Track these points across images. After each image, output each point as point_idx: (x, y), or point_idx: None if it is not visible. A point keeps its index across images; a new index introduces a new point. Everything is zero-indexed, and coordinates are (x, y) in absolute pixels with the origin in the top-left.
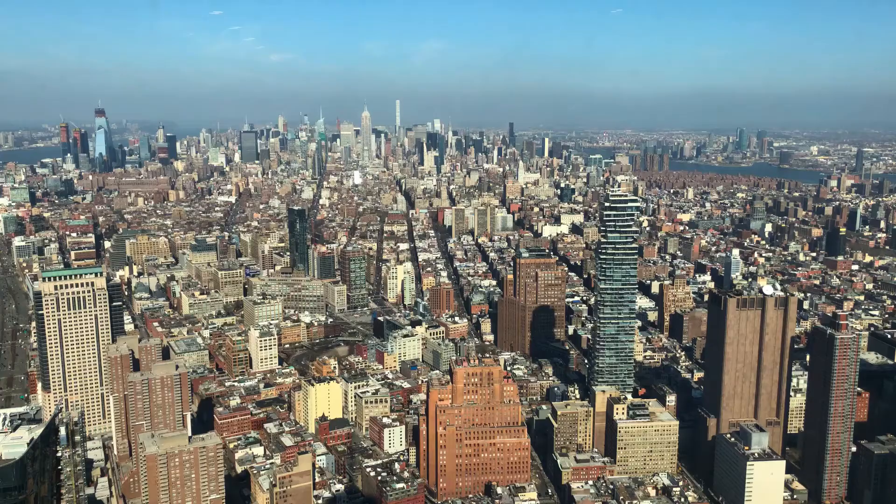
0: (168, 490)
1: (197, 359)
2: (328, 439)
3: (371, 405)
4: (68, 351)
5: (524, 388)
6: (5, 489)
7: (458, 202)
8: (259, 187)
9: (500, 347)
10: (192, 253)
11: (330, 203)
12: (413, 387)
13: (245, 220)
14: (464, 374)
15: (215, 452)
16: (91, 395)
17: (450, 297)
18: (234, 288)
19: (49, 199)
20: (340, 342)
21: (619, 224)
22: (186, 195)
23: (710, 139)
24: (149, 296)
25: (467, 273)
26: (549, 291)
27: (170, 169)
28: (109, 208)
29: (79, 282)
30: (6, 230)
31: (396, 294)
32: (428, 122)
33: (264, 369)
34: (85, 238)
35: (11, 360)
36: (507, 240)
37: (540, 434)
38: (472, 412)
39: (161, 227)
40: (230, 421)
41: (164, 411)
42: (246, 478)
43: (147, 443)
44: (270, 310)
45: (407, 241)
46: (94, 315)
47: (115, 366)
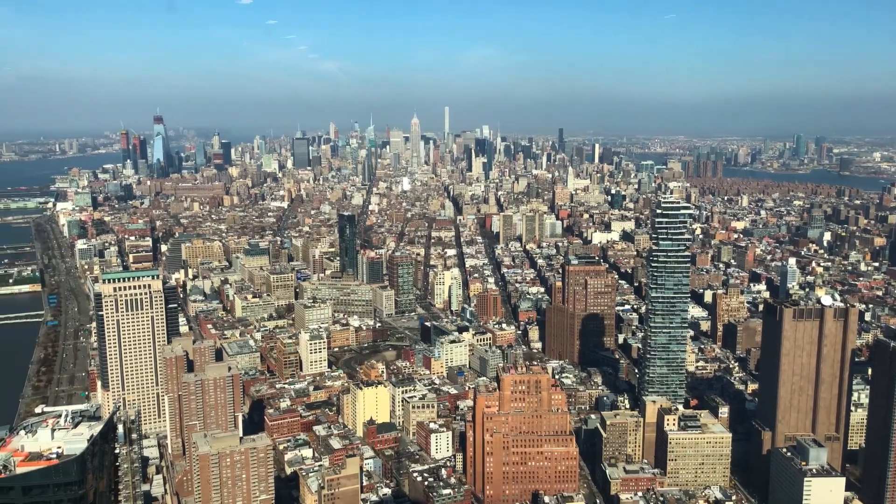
0: (219, 489)
1: (249, 361)
2: (376, 443)
3: (418, 410)
4: (126, 351)
5: (572, 396)
6: (67, 483)
7: (506, 208)
8: (310, 193)
9: (548, 355)
10: (245, 257)
11: (379, 209)
12: (460, 393)
13: (297, 226)
14: (511, 381)
15: (265, 453)
16: (147, 395)
17: (497, 303)
18: (286, 291)
19: (110, 204)
20: (388, 347)
21: (672, 231)
22: (240, 200)
23: (766, 145)
24: (203, 298)
25: (515, 279)
26: (598, 299)
27: (224, 175)
28: (166, 213)
29: (136, 284)
30: (70, 233)
31: (443, 300)
32: (476, 129)
33: (314, 372)
34: (143, 242)
35: (73, 359)
36: (556, 246)
37: (588, 443)
38: (520, 420)
39: (215, 232)
40: (280, 422)
41: (217, 412)
42: (295, 479)
43: (200, 442)
44: (320, 313)
45: (454, 246)
46: (150, 316)
47: (170, 366)
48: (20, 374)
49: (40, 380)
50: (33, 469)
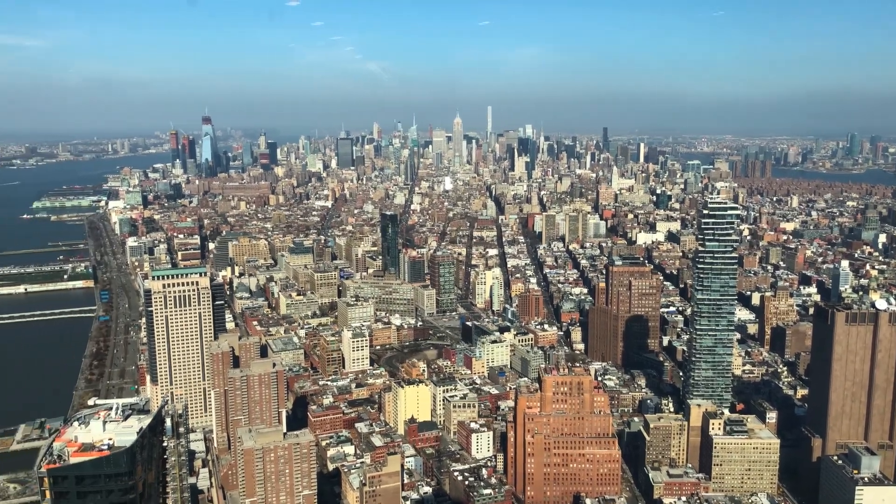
0: (263, 484)
1: (293, 357)
2: (417, 441)
3: (459, 409)
4: (174, 346)
5: (615, 398)
6: (117, 474)
7: (549, 208)
8: (354, 192)
9: (591, 357)
10: (289, 255)
11: (421, 208)
12: (501, 393)
13: (340, 225)
14: (553, 382)
15: (308, 449)
16: (194, 389)
17: (539, 303)
18: (329, 290)
19: (159, 203)
20: (429, 346)
21: (718, 232)
22: (286, 199)
23: (818, 144)
24: (249, 295)
25: (557, 280)
26: (642, 301)
27: (270, 174)
28: (214, 211)
29: (185, 281)
30: (121, 231)
31: (485, 299)
32: (519, 128)
33: (356, 370)
34: (191, 239)
35: (124, 353)
36: (600, 247)
37: (631, 446)
38: (561, 421)
39: (261, 230)
40: (323, 419)
41: (262, 407)
42: (337, 475)
43: (245, 437)
44: (363, 312)
45: (496, 246)
46: (198, 313)
47: (217, 362)
48: (74, 367)
49: (93, 373)
50: (86, 459)
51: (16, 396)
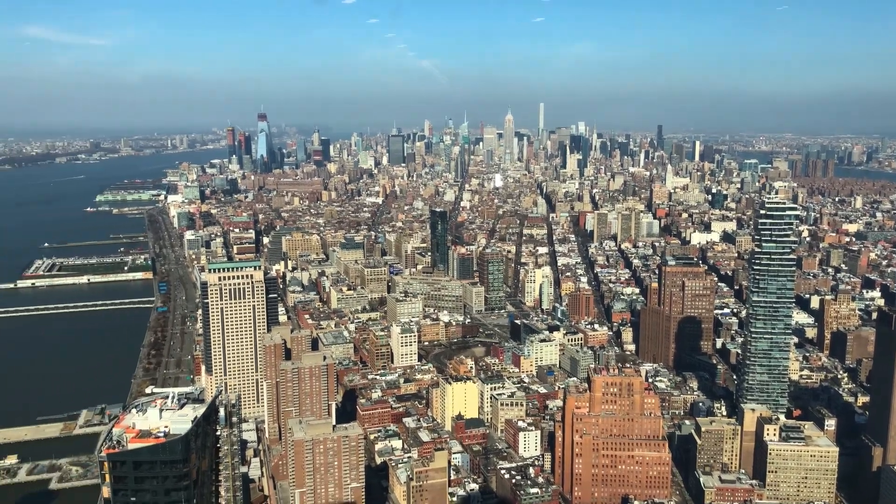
0: (313, 475)
1: (343, 351)
2: (464, 438)
3: (507, 408)
4: (228, 337)
5: (666, 401)
6: (172, 461)
7: (601, 206)
8: (404, 189)
9: (642, 358)
10: (341, 250)
11: (471, 205)
12: (549, 392)
13: (390, 221)
14: (602, 382)
15: (357, 442)
16: (247, 380)
17: (589, 303)
18: (379, 285)
19: (216, 197)
20: (477, 343)
21: (776, 233)
22: (338, 196)
23: (884, 143)
24: (301, 289)
25: (609, 279)
26: (696, 302)
27: (323, 171)
28: (268, 207)
29: (240, 274)
30: (179, 224)
31: (534, 298)
32: (572, 125)
33: (404, 365)
34: (246, 234)
35: (181, 344)
36: (653, 246)
37: (682, 450)
38: (610, 422)
39: (314, 226)
40: (372, 413)
41: (312, 399)
42: (384, 469)
43: (295, 428)
44: (412, 307)
45: (546, 244)
46: (252, 305)
47: (269, 354)
48: (133, 355)
49: (150, 362)
50: (143, 446)
51: (79, 382)
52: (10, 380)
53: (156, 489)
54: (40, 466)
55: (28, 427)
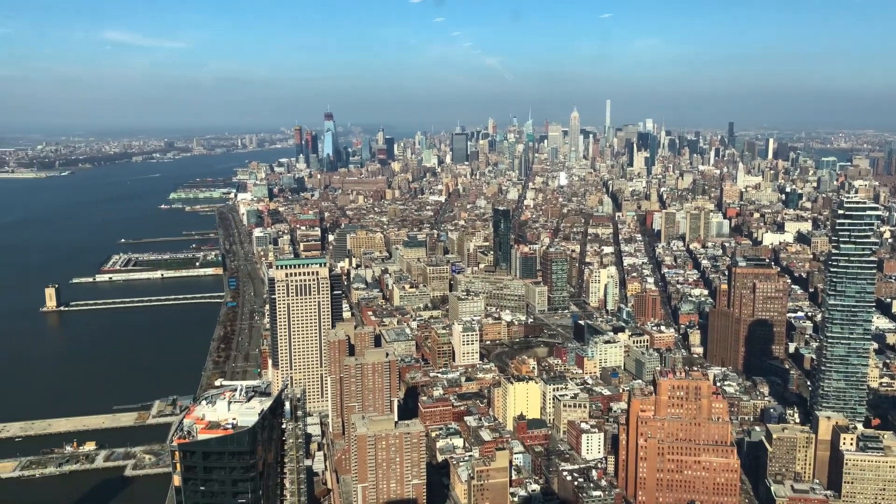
0: (375, 470)
1: (405, 348)
2: (525, 438)
3: (570, 409)
4: (294, 333)
5: (735, 406)
6: (239, 452)
7: (669, 205)
8: (467, 187)
9: (710, 361)
10: (404, 248)
11: (534, 204)
12: (613, 394)
13: (453, 219)
14: (668, 386)
15: (419, 439)
16: (312, 375)
17: (656, 304)
18: (441, 283)
19: (284, 195)
20: (540, 343)
21: (855, 234)
22: (401, 194)
23: None
24: (364, 287)
25: (676, 280)
26: (768, 304)
27: (387, 169)
28: (334, 205)
29: (306, 271)
30: (248, 222)
31: (599, 298)
32: (639, 122)
33: (466, 363)
34: (312, 231)
35: (249, 338)
36: (722, 247)
37: (751, 457)
38: (676, 426)
39: (378, 224)
40: (433, 410)
41: (374, 395)
42: (445, 467)
43: (358, 423)
44: (473, 306)
45: (612, 244)
46: (317, 301)
47: (333, 349)
48: (203, 349)
49: (220, 356)
50: (212, 437)
51: (152, 374)
52: (89, 370)
53: (224, 479)
54: (116, 453)
55: (105, 415)
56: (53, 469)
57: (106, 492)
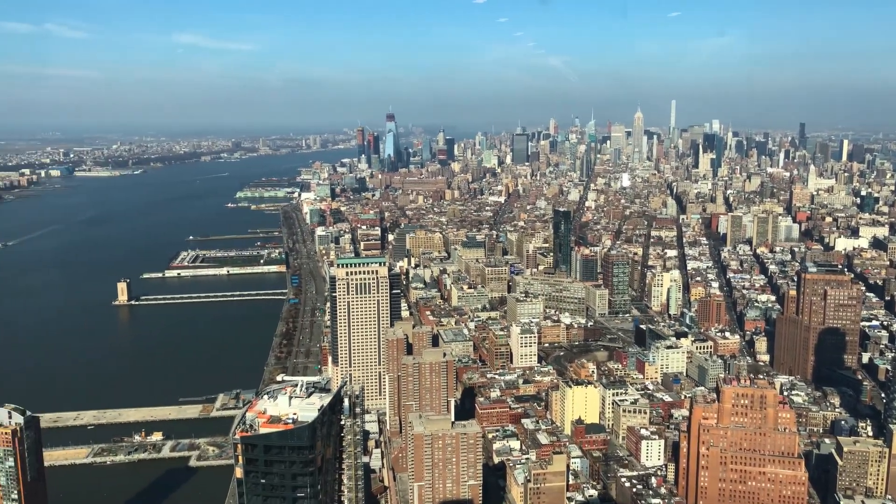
0: (431, 469)
1: (462, 349)
2: (583, 443)
3: (629, 414)
4: (354, 330)
5: (803, 417)
6: (299, 447)
7: (736, 208)
8: (527, 188)
9: (777, 370)
10: (462, 249)
11: (596, 205)
12: (675, 401)
13: (512, 220)
14: (732, 393)
15: (475, 440)
16: (370, 373)
17: (720, 309)
18: (499, 284)
19: (345, 195)
20: (600, 347)
21: None
22: (461, 195)
23: None
24: (423, 286)
25: (742, 285)
26: (839, 312)
27: (447, 170)
28: (394, 205)
29: (366, 270)
30: (311, 221)
31: (661, 302)
32: (705, 123)
33: (523, 365)
34: (372, 231)
35: (310, 335)
36: (791, 252)
37: (819, 470)
38: (740, 435)
39: (437, 224)
40: (490, 412)
41: (432, 395)
42: (502, 469)
43: (415, 422)
44: (532, 308)
45: (675, 247)
46: (376, 300)
47: (392, 348)
48: (266, 344)
49: (282, 351)
50: (273, 431)
51: (217, 367)
52: (157, 362)
53: (283, 473)
54: (181, 444)
55: (171, 407)
56: (123, 457)
57: (171, 481)
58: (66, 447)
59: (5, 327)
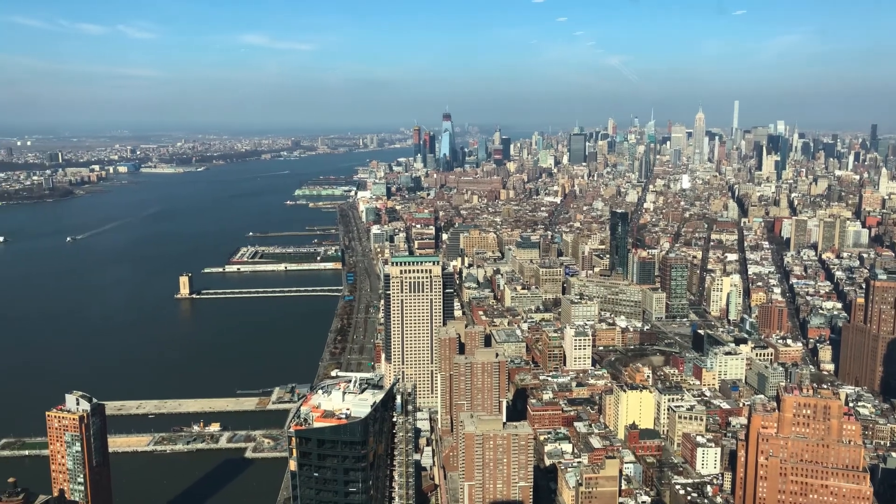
0: (482, 469)
1: (515, 350)
2: (637, 448)
3: (685, 421)
4: (407, 328)
5: (869, 429)
6: (352, 442)
7: (800, 212)
8: (584, 189)
9: (842, 380)
10: (516, 249)
11: (654, 207)
12: (732, 408)
13: (568, 221)
14: (794, 403)
15: (527, 442)
16: (422, 371)
17: (782, 316)
18: (553, 286)
19: (401, 194)
20: (656, 351)
21: None
22: (516, 195)
23: None
24: (476, 286)
25: (806, 292)
26: None
27: (503, 169)
28: (448, 204)
29: (419, 268)
30: (366, 219)
31: (720, 307)
32: (770, 124)
33: (577, 368)
34: (426, 230)
35: (364, 331)
36: (860, 258)
37: (885, 485)
38: (801, 446)
39: (491, 224)
40: (542, 414)
41: (483, 395)
42: (553, 471)
43: (466, 422)
44: (587, 310)
45: (736, 251)
46: (429, 299)
47: (444, 347)
48: (321, 340)
49: (336, 347)
50: (327, 425)
51: (273, 361)
52: (215, 355)
53: (336, 468)
54: (238, 436)
55: (229, 399)
56: (182, 446)
57: (228, 471)
58: (130, 434)
59: (74, 319)
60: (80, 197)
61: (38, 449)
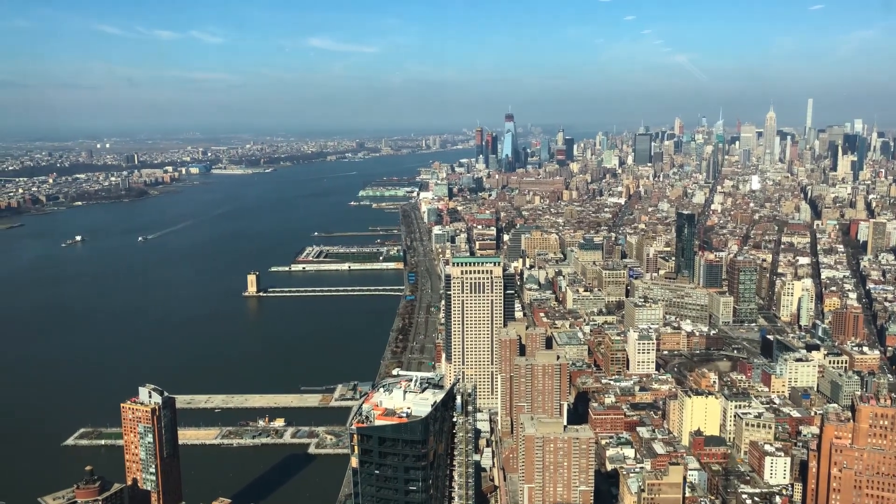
0: (542, 472)
1: (576, 352)
2: (702, 455)
3: (753, 428)
4: (468, 329)
5: None
6: (412, 441)
7: (879, 214)
8: (649, 190)
9: None
10: (579, 251)
11: (722, 209)
12: (803, 417)
13: (632, 222)
14: (870, 413)
15: (588, 445)
16: (483, 372)
17: (858, 322)
18: (617, 288)
19: (462, 195)
20: (723, 356)
21: None
22: (579, 195)
23: None
24: (537, 287)
25: (884, 298)
26: None
27: (565, 170)
28: (510, 205)
29: (481, 269)
30: (428, 220)
31: (791, 312)
32: (846, 123)
33: (640, 372)
34: (488, 231)
35: (425, 331)
36: None
37: None
38: (878, 459)
39: (553, 225)
40: (604, 418)
41: (544, 397)
42: (614, 476)
43: (527, 424)
44: (651, 314)
45: (808, 255)
46: (490, 300)
47: (505, 348)
48: (383, 338)
49: (398, 346)
50: (388, 423)
51: (336, 359)
52: (281, 351)
53: (396, 466)
54: (301, 431)
55: (293, 395)
56: (248, 440)
57: (291, 466)
58: (198, 428)
59: (146, 315)
60: (154, 197)
61: (113, 439)
